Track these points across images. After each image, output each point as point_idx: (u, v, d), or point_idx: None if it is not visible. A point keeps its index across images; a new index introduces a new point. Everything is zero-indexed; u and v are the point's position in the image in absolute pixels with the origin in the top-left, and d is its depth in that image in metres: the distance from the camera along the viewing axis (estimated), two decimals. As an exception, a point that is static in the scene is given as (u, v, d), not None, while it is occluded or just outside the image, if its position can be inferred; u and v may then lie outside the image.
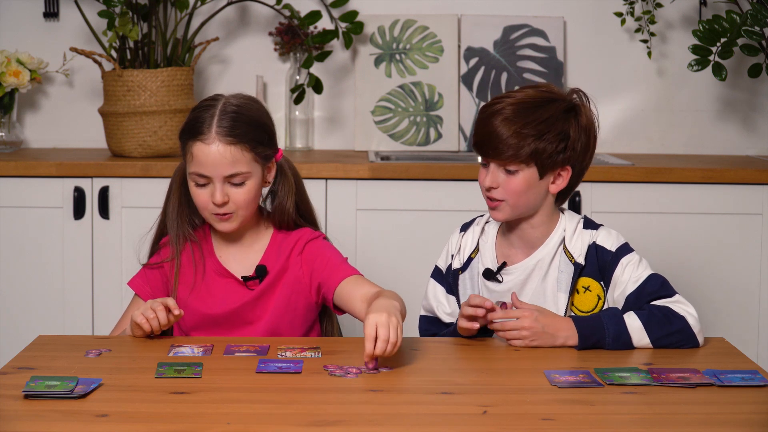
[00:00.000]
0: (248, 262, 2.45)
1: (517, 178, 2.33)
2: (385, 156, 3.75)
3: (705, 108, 3.96)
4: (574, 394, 1.95)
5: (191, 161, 2.36)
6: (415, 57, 3.89)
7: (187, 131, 2.38)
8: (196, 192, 2.38)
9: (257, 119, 2.40)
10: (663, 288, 2.31)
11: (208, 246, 2.47)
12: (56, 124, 3.92)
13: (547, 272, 2.38)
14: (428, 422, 1.82)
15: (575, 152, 2.35)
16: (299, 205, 2.50)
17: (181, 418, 1.81)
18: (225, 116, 2.35)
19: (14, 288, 3.48)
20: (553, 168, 2.34)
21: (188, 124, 2.39)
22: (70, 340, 2.32)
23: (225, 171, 2.34)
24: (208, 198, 2.36)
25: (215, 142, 2.33)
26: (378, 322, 2.06)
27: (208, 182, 2.36)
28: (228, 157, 2.33)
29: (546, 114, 2.32)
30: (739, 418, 1.85)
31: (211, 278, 2.44)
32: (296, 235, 2.47)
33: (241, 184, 2.36)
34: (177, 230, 2.45)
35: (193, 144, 2.35)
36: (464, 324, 2.27)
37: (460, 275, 2.44)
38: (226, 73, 3.93)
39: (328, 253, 2.46)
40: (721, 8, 3.78)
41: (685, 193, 3.48)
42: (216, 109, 2.37)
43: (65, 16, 3.87)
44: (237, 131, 2.34)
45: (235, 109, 2.37)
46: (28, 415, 1.82)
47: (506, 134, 2.30)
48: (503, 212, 2.36)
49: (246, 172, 2.36)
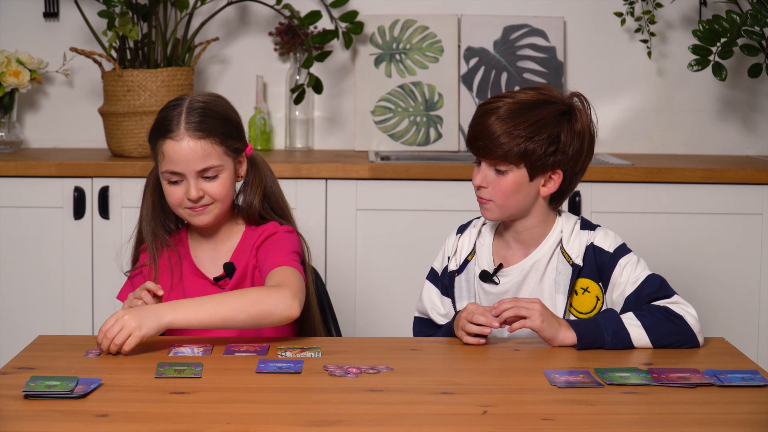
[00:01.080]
0: (220, 261, 2.47)
1: (507, 179, 2.32)
2: (385, 156, 3.75)
3: (705, 108, 3.96)
4: (574, 394, 1.95)
5: (163, 160, 2.38)
6: (415, 57, 3.89)
7: (156, 131, 2.41)
8: (170, 190, 2.40)
9: (224, 113, 2.43)
10: (662, 288, 2.31)
11: (184, 248, 2.49)
12: (56, 124, 3.92)
13: (544, 274, 2.38)
14: (428, 422, 1.82)
15: (566, 156, 2.33)
16: (270, 199, 2.51)
17: (181, 418, 1.81)
18: (192, 112, 2.38)
19: (14, 288, 3.48)
20: (544, 171, 2.33)
21: (156, 124, 2.42)
22: (70, 340, 2.32)
23: (197, 166, 2.36)
24: (182, 195, 2.38)
25: (185, 138, 2.36)
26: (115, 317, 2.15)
27: (181, 179, 2.38)
28: (199, 151, 2.36)
29: (538, 116, 2.31)
30: (739, 418, 1.85)
31: (188, 280, 2.46)
32: (262, 229, 2.48)
33: (214, 177, 2.39)
34: (153, 236, 2.47)
35: (164, 142, 2.38)
36: (470, 340, 2.26)
37: (456, 277, 2.44)
38: (226, 73, 3.93)
39: (279, 243, 2.44)
40: (721, 8, 3.78)
41: (685, 193, 3.48)
42: (182, 107, 2.39)
43: (65, 16, 3.87)
44: (206, 126, 2.37)
45: (202, 105, 2.40)
46: (28, 415, 1.82)
47: (497, 133, 2.30)
48: (492, 212, 2.36)
49: (218, 165, 2.38)
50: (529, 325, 2.21)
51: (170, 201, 2.42)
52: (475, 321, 2.24)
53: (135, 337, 2.13)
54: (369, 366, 2.09)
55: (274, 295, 2.24)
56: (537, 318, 2.21)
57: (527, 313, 2.21)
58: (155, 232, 2.47)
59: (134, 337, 2.13)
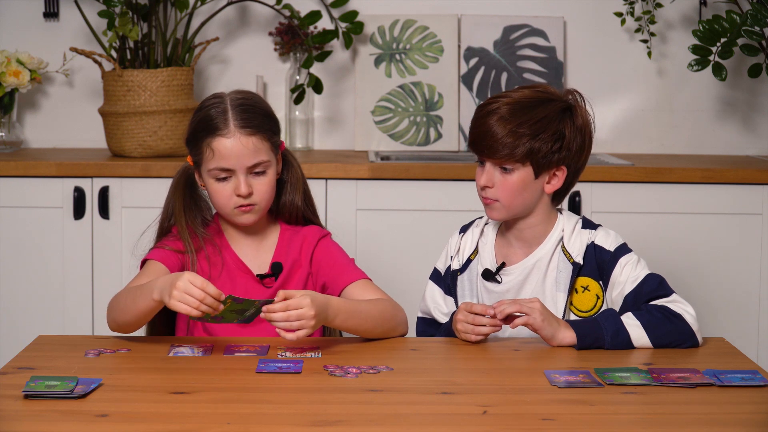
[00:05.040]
0: (260, 259, 2.47)
1: (513, 177, 2.33)
2: (385, 156, 3.75)
3: (705, 108, 3.96)
4: (574, 394, 1.95)
5: (212, 158, 2.38)
6: (415, 57, 3.89)
7: (201, 130, 2.40)
8: (218, 187, 2.39)
9: (267, 110, 2.46)
10: (661, 287, 2.32)
11: (221, 240, 2.47)
12: (56, 124, 3.92)
13: (546, 272, 2.38)
14: (428, 422, 1.82)
15: (570, 152, 2.35)
16: (305, 196, 2.52)
17: (181, 418, 1.81)
18: (237, 109, 2.39)
19: (14, 288, 3.48)
20: (548, 168, 2.35)
21: (201, 123, 2.40)
22: (70, 340, 2.32)
23: (248, 161, 2.37)
24: (230, 192, 2.38)
25: (236, 134, 2.37)
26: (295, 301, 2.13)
27: (230, 176, 2.38)
28: (250, 147, 2.37)
29: (542, 114, 2.32)
30: (739, 418, 1.85)
31: (234, 274, 2.45)
32: (306, 232, 2.49)
33: (263, 173, 2.39)
34: (186, 226, 2.44)
35: (212, 140, 2.37)
36: (474, 339, 2.26)
37: (459, 276, 2.44)
38: (226, 73, 3.93)
39: (336, 254, 2.48)
40: (721, 8, 3.78)
41: (685, 193, 3.48)
42: (226, 105, 2.40)
43: (65, 16, 3.87)
44: (254, 122, 2.39)
45: (246, 102, 2.42)
46: (28, 415, 1.82)
47: (502, 133, 2.30)
48: (497, 211, 2.36)
49: (267, 161, 2.40)
50: (529, 322, 2.21)
51: (218, 199, 2.41)
52: (478, 322, 2.24)
53: (307, 330, 2.15)
54: (369, 366, 2.10)
55: (399, 313, 2.36)
56: (537, 316, 2.21)
57: (527, 311, 2.21)
58: (193, 223, 2.45)
59: (306, 330, 2.15)
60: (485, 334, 2.26)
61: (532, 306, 2.22)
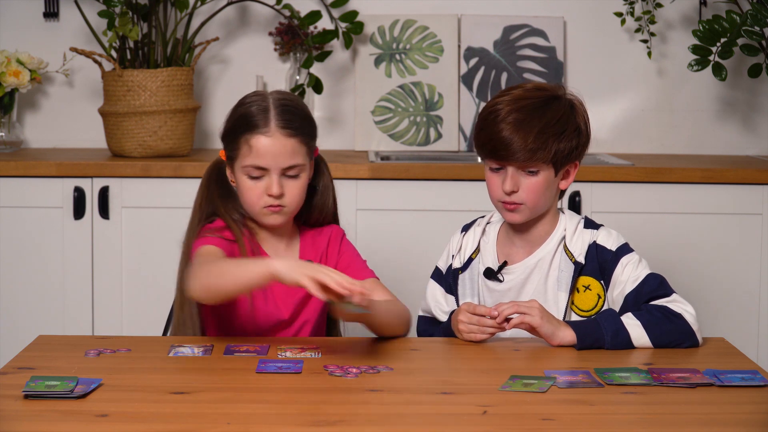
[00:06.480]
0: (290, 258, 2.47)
1: (539, 178, 2.33)
2: (385, 156, 3.76)
3: (705, 108, 3.96)
4: (574, 394, 1.95)
5: (248, 154, 2.37)
6: (415, 57, 3.89)
7: (240, 126, 2.38)
8: (250, 185, 2.38)
9: (308, 114, 2.45)
10: (661, 287, 2.32)
11: (253, 239, 2.47)
12: (56, 124, 3.92)
13: (548, 271, 2.38)
14: (428, 422, 1.82)
15: (585, 146, 2.37)
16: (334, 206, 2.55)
17: (181, 418, 1.81)
18: (279, 109, 2.38)
19: (14, 288, 3.48)
20: (565, 164, 2.35)
21: (241, 119, 2.39)
22: (70, 340, 2.32)
23: (284, 162, 2.36)
24: (261, 191, 2.37)
25: (276, 134, 2.36)
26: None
27: (263, 174, 2.37)
28: (288, 148, 2.36)
29: (558, 113, 2.32)
30: (739, 418, 1.85)
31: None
32: (328, 231, 2.52)
33: (296, 176, 2.39)
34: (231, 215, 2.43)
35: (251, 137, 2.36)
36: (480, 338, 2.26)
37: (460, 275, 2.44)
38: (226, 73, 3.93)
39: (353, 252, 2.52)
40: (721, 8, 3.78)
41: (685, 193, 3.48)
42: (268, 103, 2.39)
43: (65, 16, 3.87)
44: (295, 125, 2.38)
45: (288, 103, 2.40)
46: (28, 415, 1.82)
47: (527, 139, 2.29)
48: (522, 214, 2.35)
49: (301, 164, 2.39)
50: (528, 321, 2.22)
51: (248, 196, 2.39)
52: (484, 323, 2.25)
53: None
54: (369, 366, 2.09)
55: (408, 313, 2.40)
56: (536, 314, 2.21)
57: (526, 311, 2.22)
58: (237, 210, 2.44)
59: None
60: (491, 333, 2.27)
61: (531, 305, 2.22)
